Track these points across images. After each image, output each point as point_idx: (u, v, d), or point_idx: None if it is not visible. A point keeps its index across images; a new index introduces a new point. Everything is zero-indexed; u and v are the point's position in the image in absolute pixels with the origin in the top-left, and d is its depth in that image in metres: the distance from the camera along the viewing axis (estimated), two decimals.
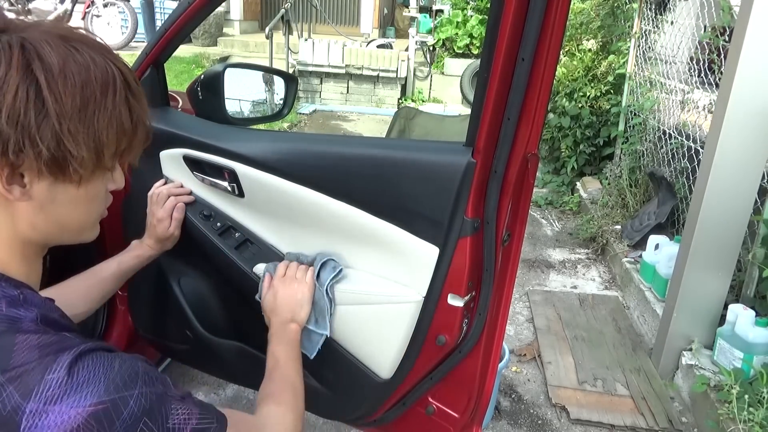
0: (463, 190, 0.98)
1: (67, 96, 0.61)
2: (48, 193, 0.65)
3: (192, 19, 1.24)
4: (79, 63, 0.63)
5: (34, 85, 0.60)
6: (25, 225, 0.66)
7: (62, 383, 0.58)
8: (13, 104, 0.59)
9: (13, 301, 0.63)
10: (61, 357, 0.59)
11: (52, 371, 0.58)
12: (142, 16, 7.54)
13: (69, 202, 0.68)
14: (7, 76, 0.59)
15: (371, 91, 7.49)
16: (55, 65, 0.61)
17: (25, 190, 0.64)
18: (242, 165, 1.18)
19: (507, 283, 1.11)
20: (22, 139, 0.60)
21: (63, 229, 0.70)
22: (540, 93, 0.92)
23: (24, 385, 0.57)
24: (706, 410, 2.05)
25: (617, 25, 4.38)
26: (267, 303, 1.14)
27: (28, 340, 0.60)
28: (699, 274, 2.23)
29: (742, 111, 2.03)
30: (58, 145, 0.61)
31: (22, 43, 0.61)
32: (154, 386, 0.63)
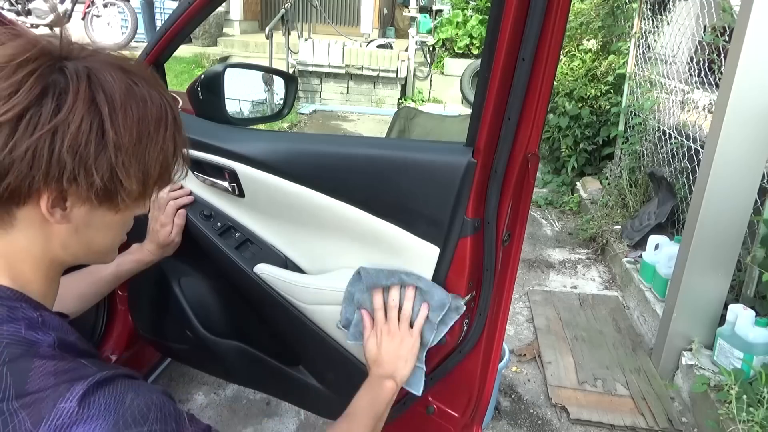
0: (463, 190, 0.98)
1: (126, 129, 0.63)
2: (86, 218, 0.66)
3: (192, 19, 1.24)
4: (137, 97, 0.64)
5: (98, 118, 0.61)
6: (57, 245, 0.67)
7: (72, 413, 0.57)
8: (76, 135, 0.60)
9: (32, 323, 0.63)
10: (75, 386, 0.59)
11: (65, 400, 0.58)
12: (142, 16, 7.54)
13: (104, 227, 0.70)
14: (74, 107, 0.60)
15: (371, 91, 7.49)
16: (117, 99, 0.62)
17: (65, 213, 0.64)
18: (242, 165, 1.18)
19: (507, 283, 1.11)
20: (77, 169, 0.61)
21: (90, 251, 0.71)
22: (540, 93, 0.92)
23: (36, 413, 0.57)
24: (706, 410, 2.05)
25: (617, 25, 4.38)
26: (370, 352, 1.06)
27: (45, 366, 0.59)
28: (699, 274, 2.23)
29: (742, 111, 2.03)
30: (111, 176, 0.63)
31: (88, 74, 0.62)
32: (165, 424, 0.61)
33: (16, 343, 0.60)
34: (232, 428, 1.95)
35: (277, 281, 1.23)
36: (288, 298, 1.22)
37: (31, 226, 0.65)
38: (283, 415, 2.02)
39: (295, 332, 1.25)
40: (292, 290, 1.22)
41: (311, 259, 1.25)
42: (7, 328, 0.61)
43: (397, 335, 1.06)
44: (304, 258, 1.27)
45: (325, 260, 1.22)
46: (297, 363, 1.35)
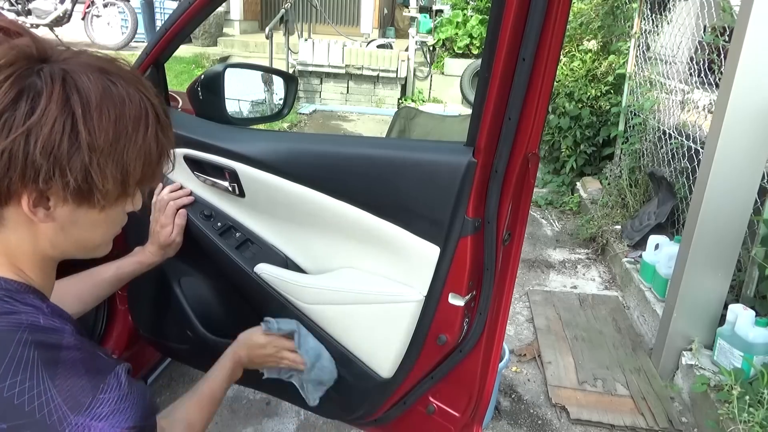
0: (464, 190, 0.98)
1: (101, 130, 0.63)
2: (70, 216, 0.67)
3: (192, 19, 1.24)
4: (115, 97, 0.65)
5: (71, 119, 0.61)
6: (45, 243, 0.69)
7: (113, 403, 0.65)
8: (49, 136, 0.60)
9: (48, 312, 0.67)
10: (109, 377, 0.67)
11: (104, 391, 0.65)
12: (142, 16, 7.54)
13: (90, 225, 0.70)
14: (47, 109, 0.60)
15: (371, 91, 7.49)
16: (93, 99, 0.63)
17: (49, 212, 0.66)
18: (243, 165, 1.18)
19: (507, 282, 1.11)
20: (52, 169, 0.62)
21: (80, 247, 0.73)
22: (540, 93, 0.92)
23: (73, 399, 0.62)
24: (706, 410, 2.05)
25: (617, 25, 4.38)
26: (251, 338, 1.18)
27: (72, 355, 0.64)
28: (699, 274, 2.23)
29: (742, 111, 2.03)
30: (85, 177, 0.63)
31: (63, 76, 0.62)
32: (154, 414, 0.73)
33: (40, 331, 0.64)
34: (232, 428, 1.95)
35: (278, 281, 1.23)
36: (288, 297, 1.23)
37: (18, 226, 0.66)
38: (283, 415, 2.02)
39: None
40: (293, 290, 1.22)
41: (311, 258, 1.25)
42: (25, 316, 0.64)
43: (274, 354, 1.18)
44: (304, 258, 1.27)
45: (326, 260, 1.22)
46: None
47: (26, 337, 0.61)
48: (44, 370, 0.61)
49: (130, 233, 1.33)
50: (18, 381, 0.59)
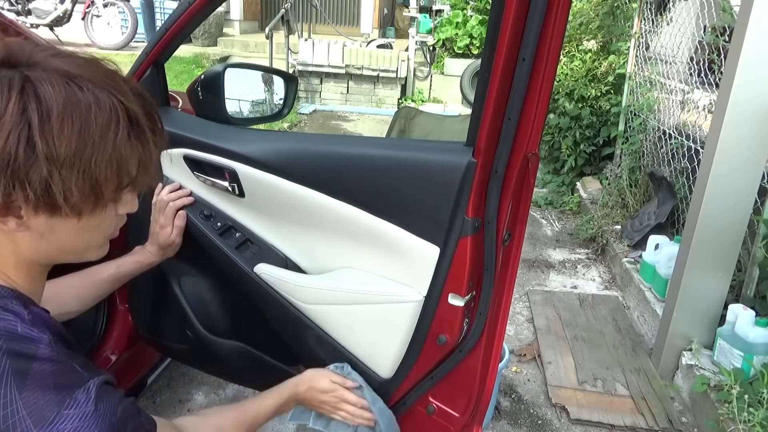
0: (463, 190, 0.98)
1: (61, 141, 0.59)
2: (47, 225, 0.65)
3: (192, 19, 1.24)
4: (80, 105, 0.61)
5: (27, 129, 0.58)
6: (28, 251, 0.68)
7: (76, 420, 0.62)
8: (3, 148, 0.58)
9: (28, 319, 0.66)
10: (78, 392, 0.63)
11: (69, 407, 0.62)
12: (142, 16, 7.54)
13: (70, 233, 0.67)
14: (2, 119, 0.58)
15: (371, 91, 7.49)
16: (54, 108, 0.59)
17: (21, 221, 0.63)
18: (242, 165, 1.18)
19: (507, 282, 1.11)
20: (11, 183, 0.59)
21: (66, 253, 0.71)
22: (540, 93, 0.92)
23: (38, 414, 0.60)
24: (706, 410, 2.05)
25: (617, 25, 4.38)
26: (317, 380, 1.15)
27: (44, 367, 0.62)
28: (699, 274, 2.23)
29: (742, 111, 2.03)
30: (46, 190, 0.60)
31: (23, 84, 0.59)
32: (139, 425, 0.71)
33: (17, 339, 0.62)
34: None
35: (278, 281, 1.23)
36: (288, 297, 1.23)
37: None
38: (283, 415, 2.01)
39: (295, 332, 1.26)
40: (293, 290, 1.22)
41: (311, 258, 1.25)
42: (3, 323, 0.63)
43: (335, 404, 1.15)
44: (304, 258, 1.27)
45: (326, 260, 1.22)
46: (297, 363, 1.35)
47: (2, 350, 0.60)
48: (13, 380, 0.59)
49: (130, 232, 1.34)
50: None
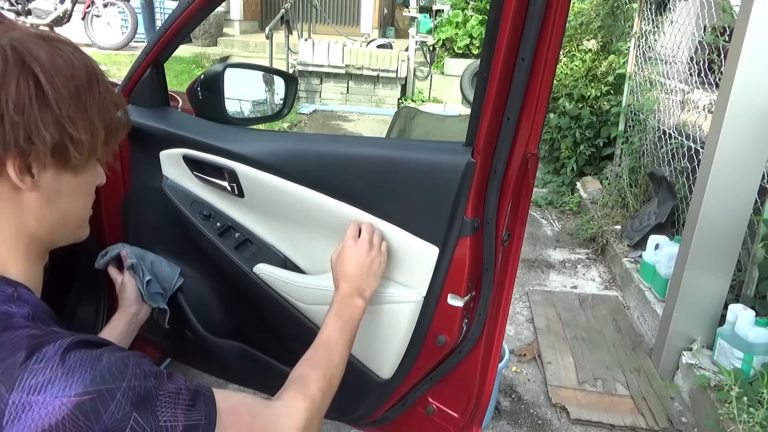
0: (463, 190, 0.98)
1: (62, 85, 0.65)
2: (53, 184, 0.69)
3: (192, 19, 1.24)
4: (63, 58, 0.67)
5: (32, 77, 0.64)
6: (32, 218, 0.69)
7: (46, 372, 0.57)
8: (17, 95, 0.62)
9: (7, 298, 0.65)
10: (48, 347, 0.59)
11: (38, 361, 0.57)
12: (142, 16, 7.53)
13: (71, 193, 0.72)
14: (6, 69, 0.62)
15: (371, 91, 7.49)
16: (45, 60, 0.65)
17: (34, 180, 0.67)
18: (242, 165, 1.18)
19: (507, 283, 1.11)
20: (29, 127, 0.63)
21: (65, 222, 0.73)
22: (540, 93, 0.92)
23: (8, 376, 0.56)
24: (706, 410, 2.05)
25: (617, 25, 4.38)
26: (340, 267, 1.05)
27: (18, 333, 0.60)
28: (699, 274, 2.23)
29: (742, 111, 2.03)
30: (59, 130, 0.65)
31: (12, 43, 0.64)
32: (145, 380, 0.61)
33: None
34: None
35: (277, 281, 1.23)
36: (288, 298, 1.22)
37: (2, 202, 0.67)
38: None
39: (295, 332, 1.25)
40: (292, 290, 1.22)
41: (311, 259, 1.25)
42: None
43: (371, 250, 1.05)
44: (303, 258, 1.27)
45: (325, 260, 1.21)
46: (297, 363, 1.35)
47: None
48: None
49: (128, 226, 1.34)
50: None
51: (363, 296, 1.03)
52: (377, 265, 1.05)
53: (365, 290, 1.03)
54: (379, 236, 1.07)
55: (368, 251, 1.04)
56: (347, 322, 0.99)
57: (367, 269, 1.03)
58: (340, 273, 1.05)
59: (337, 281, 1.05)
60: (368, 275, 1.03)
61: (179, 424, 0.62)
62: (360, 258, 1.03)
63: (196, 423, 0.64)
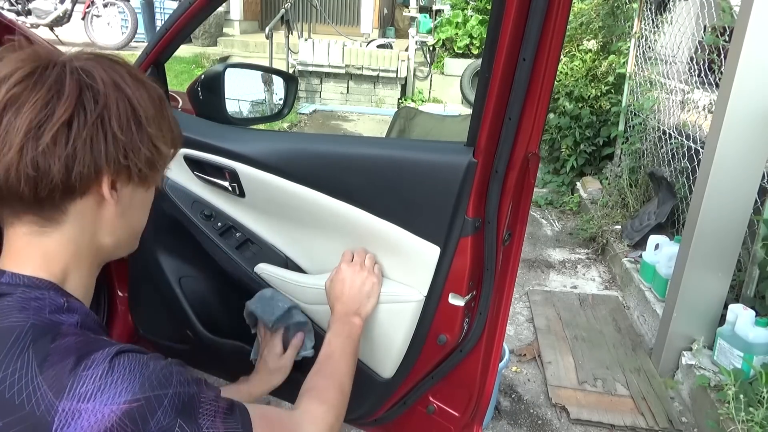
0: (464, 190, 0.98)
1: (148, 102, 0.70)
2: (129, 198, 0.72)
3: (192, 19, 1.24)
4: (137, 78, 0.70)
5: (125, 98, 0.67)
6: (106, 230, 0.71)
7: (96, 379, 0.57)
8: (118, 114, 0.66)
9: (58, 308, 0.65)
10: (96, 354, 0.60)
11: (87, 368, 0.58)
12: (142, 16, 7.54)
13: (141, 206, 0.76)
14: (105, 93, 0.65)
15: (371, 91, 7.49)
16: (129, 80, 0.69)
17: (117, 195, 0.70)
18: (243, 165, 1.18)
19: (507, 282, 1.11)
20: (129, 145, 0.67)
21: (132, 234, 0.77)
22: (541, 93, 0.92)
23: (58, 382, 0.57)
24: (706, 410, 2.05)
25: (617, 25, 4.38)
26: (334, 289, 1.09)
27: (66, 341, 0.60)
28: (699, 274, 2.23)
29: (742, 111, 2.03)
30: (152, 147, 0.70)
31: (94, 66, 0.67)
32: (188, 387, 0.63)
33: (40, 323, 0.62)
34: None
35: (278, 281, 1.23)
36: (288, 297, 1.23)
37: (82, 217, 0.68)
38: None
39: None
40: (293, 290, 1.22)
41: (311, 258, 1.25)
42: (33, 312, 0.62)
43: (362, 271, 1.09)
44: (304, 258, 1.27)
45: (326, 260, 1.22)
46: None
47: (27, 330, 0.60)
48: (34, 358, 0.58)
49: None
50: (9, 373, 0.57)
51: (359, 315, 1.07)
52: (370, 286, 1.08)
53: (360, 310, 1.07)
54: (371, 259, 1.11)
55: (360, 272, 1.08)
56: (348, 338, 1.02)
57: (358, 290, 1.07)
58: (333, 296, 1.09)
59: (332, 304, 1.09)
60: (361, 296, 1.07)
61: (219, 430, 0.64)
62: (352, 279, 1.08)
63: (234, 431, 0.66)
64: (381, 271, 1.12)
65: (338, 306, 1.07)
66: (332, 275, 1.11)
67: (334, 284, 1.09)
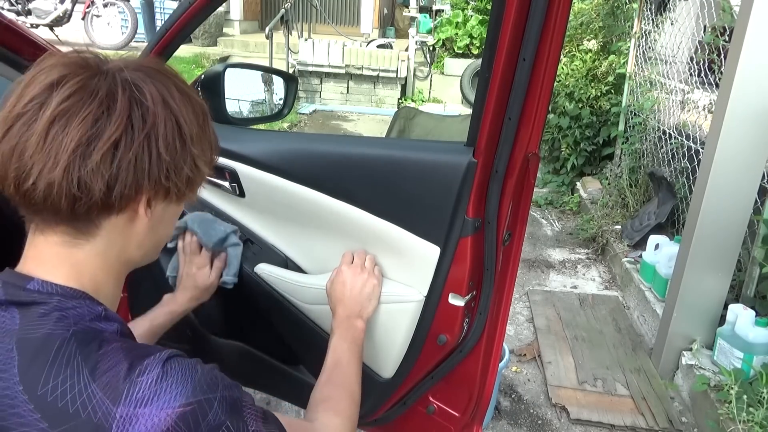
0: (464, 190, 0.98)
1: (192, 120, 0.68)
2: (161, 213, 0.71)
3: (193, 19, 1.24)
4: (184, 92, 0.68)
5: (172, 116, 0.65)
6: (134, 244, 0.70)
7: (152, 384, 0.59)
8: (164, 133, 0.64)
9: (97, 316, 0.65)
10: (148, 360, 0.61)
11: (142, 373, 0.59)
12: (142, 16, 7.54)
13: (169, 219, 0.74)
14: (154, 110, 0.63)
15: (371, 91, 7.49)
16: (176, 95, 0.67)
17: (150, 210, 0.68)
18: (243, 165, 1.18)
19: (507, 282, 1.11)
20: (173, 165, 0.65)
21: (158, 246, 0.76)
22: (541, 93, 0.92)
23: (113, 390, 0.58)
24: (706, 410, 2.05)
25: (617, 25, 4.38)
26: (335, 291, 1.09)
27: (113, 347, 0.61)
28: (699, 274, 2.23)
29: (742, 111, 2.03)
30: (193, 167, 0.68)
31: (142, 79, 0.65)
32: (233, 390, 0.65)
33: (82, 331, 0.62)
34: None
35: (278, 281, 1.23)
36: (288, 297, 1.23)
37: (114, 231, 0.67)
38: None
39: (296, 332, 1.26)
40: (293, 290, 1.22)
41: (312, 258, 1.25)
42: (73, 320, 0.62)
43: (362, 272, 1.08)
44: (304, 258, 1.27)
45: (326, 260, 1.22)
46: (297, 363, 1.35)
47: (70, 338, 0.60)
48: (84, 365, 0.58)
49: None
50: (60, 382, 0.57)
51: (361, 317, 1.07)
52: (370, 288, 1.08)
53: (362, 312, 1.07)
54: (371, 260, 1.11)
55: (360, 274, 1.08)
56: (353, 342, 1.03)
57: (359, 292, 1.07)
58: (335, 298, 1.09)
59: (333, 307, 1.09)
60: (362, 298, 1.07)
61: None
62: (353, 281, 1.08)
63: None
64: (381, 272, 1.12)
65: (340, 309, 1.07)
66: (333, 277, 1.11)
67: (334, 286, 1.09)
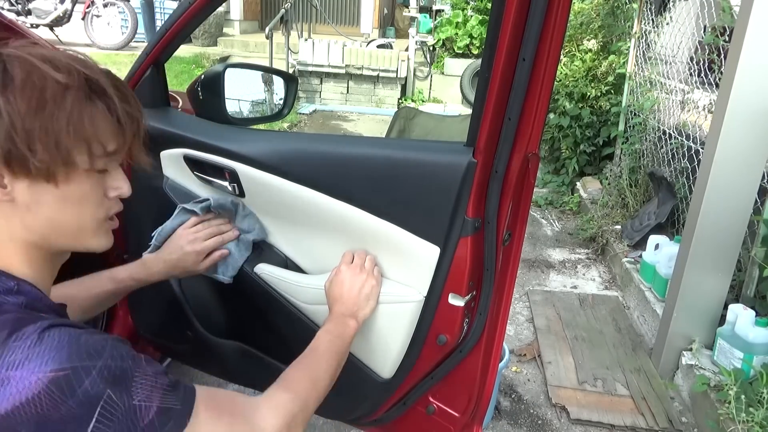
0: (464, 190, 0.98)
1: (23, 99, 0.64)
2: (30, 194, 0.68)
3: (192, 19, 1.24)
4: (40, 70, 0.66)
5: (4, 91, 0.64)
6: (18, 227, 0.70)
7: (25, 349, 0.60)
8: None
9: (7, 290, 0.67)
10: (28, 327, 0.62)
11: (18, 339, 0.61)
12: (142, 16, 7.53)
13: (54, 203, 0.70)
14: None
15: (371, 91, 7.49)
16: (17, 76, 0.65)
17: (6, 191, 0.67)
18: (243, 165, 1.18)
19: (507, 282, 1.11)
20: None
21: (57, 230, 0.72)
22: (541, 93, 0.92)
23: None
24: (706, 410, 2.05)
25: (617, 25, 4.38)
26: (333, 290, 1.09)
27: (5, 317, 0.63)
28: (699, 274, 2.23)
29: (742, 111, 2.03)
30: (12, 143, 0.65)
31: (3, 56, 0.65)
32: (122, 361, 0.64)
33: None
34: None
35: (278, 281, 1.23)
36: (288, 298, 1.23)
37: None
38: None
39: (296, 332, 1.25)
40: (293, 290, 1.22)
41: (311, 259, 1.25)
42: None
43: (362, 273, 1.09)
44: (304, 258, 1.27)
45: (326, 260, 1.22)
46: None
47: None
48: None
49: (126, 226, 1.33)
50: None
51: (356, 318, 1.07)
52: (369, 289, 1.08)
53: (358, 313, 1.07)
54: (371, 261, 1.11)
55: (359, 275, 1.09)
56: (338, 337, 1.02)
57: (358, 292, 1.07)
58: (332, 297, 1.09)
59: (331, 305, 1.09)
60: (360, 298, 1.07)
61: (153, 405, 0.65)
62: (352, 282, 1.08)
63: (171, 407, 0.67)
64: (381, 273, 1.12)
65: (336, 307, 1.08)
66: (332, 276, 1.11)
67: (333, 285, 1.10)
